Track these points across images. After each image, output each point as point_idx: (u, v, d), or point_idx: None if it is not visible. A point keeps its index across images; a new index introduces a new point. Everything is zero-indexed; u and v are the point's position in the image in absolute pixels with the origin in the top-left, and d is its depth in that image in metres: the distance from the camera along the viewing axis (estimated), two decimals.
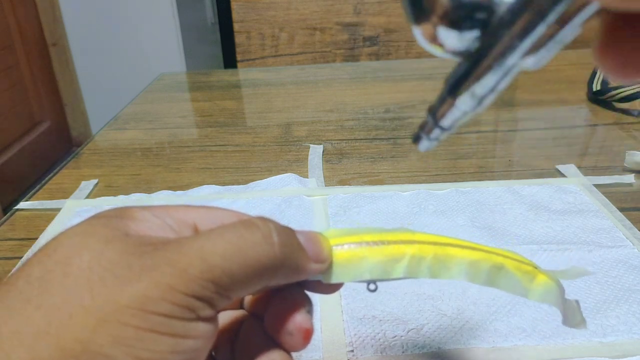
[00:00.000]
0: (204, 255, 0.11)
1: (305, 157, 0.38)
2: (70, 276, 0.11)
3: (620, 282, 0.23)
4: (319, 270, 0.13)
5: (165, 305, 0.10)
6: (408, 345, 0.20)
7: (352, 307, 0.22)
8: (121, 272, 0.11)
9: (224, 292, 0.11)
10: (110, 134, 0.46)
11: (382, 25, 0.71)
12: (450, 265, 0.14)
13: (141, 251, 0.11)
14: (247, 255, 0.12)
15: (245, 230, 0.12)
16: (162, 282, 0.11)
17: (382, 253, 0.14)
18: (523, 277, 0.14)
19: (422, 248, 0.14)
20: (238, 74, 0.63)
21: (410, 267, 0.14)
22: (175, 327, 0.11)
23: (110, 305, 0.10)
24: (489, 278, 0.14)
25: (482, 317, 0.21)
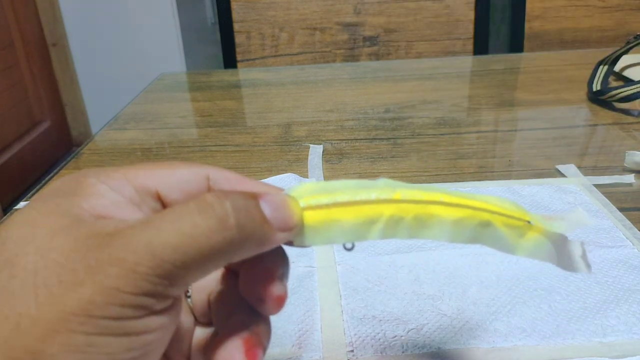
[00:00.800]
0: (152, 249, 0.10)
1: (305, 157, 0.38)
2: (16, 279, 0.10)
3: (620, 282, 0.23)
4: (287, 239, 0.12)
5: (112, 308, 0.10)
6: (408, 345, 0.20)
7: (352, 307, 0.22)
8: (65, 277, 0.10)
9: (177, 283, 0.11)
10: (110, 134, 0.46)
11: (382, 25, 0.71)
12: (431, 225, 0.13)
13: (87, 246, 0.11)
14: (201, 244, 0.11)
15: (199, 215, 0.11)
16: (108, 286, 0.10)
17: (357, 214, 0.13)
18: (511, 233, 0.14)
19: (401, 207, 0.13)
20: (238, 74, 0.63)
21: (387, 229, 0.13)
22: (128, 327, 0.10)
23: (55, 314, 0.10)
24: (473, 236, 0.13)
25: (482, 317, 0.21)
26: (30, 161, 1.36)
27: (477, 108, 0.47)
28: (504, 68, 0.58)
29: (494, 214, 0.14)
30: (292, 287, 0.24)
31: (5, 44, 1.27)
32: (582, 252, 0.14)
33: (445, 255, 0.25)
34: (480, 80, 0.55)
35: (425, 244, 0.26)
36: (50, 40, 1.44)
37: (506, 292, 0.23)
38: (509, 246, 0.14)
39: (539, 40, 0.71)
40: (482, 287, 0.23)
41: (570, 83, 0.52)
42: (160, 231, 0.11)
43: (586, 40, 0.71)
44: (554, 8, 0.70)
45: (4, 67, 1.27)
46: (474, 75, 0.58)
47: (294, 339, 0.21)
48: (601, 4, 0.69)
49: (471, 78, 0.57)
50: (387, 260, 0.25)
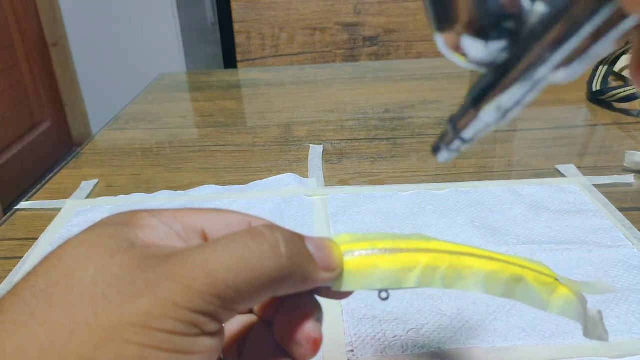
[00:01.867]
0: (208, 269, 0.11)
1: (305, 157, 0.38)
2: (74, 291, 0.11)
3: (620, 282, 0.23)
4: (329, 279, 0.13)
5: (168, 321, 0.10)
6: (408, 345, 0.20)
7: (352, 307, 0.22)
8: (124, 289, 0.11)
9: (229, 305, 0.11)
10: (110, 134, 0.46)
11: (382, 25, 0.71)
12: (466, 276, 0.14)
13: (145, 265, 0.11)
14: (254, 267, 0.11)
15: (251, 241, 0.12)
16: (165, 299, 0.10)
17: (395, 261, 0.13)
18: (542, 290, 0.14)
19: (437, 257, 0.14)
20: (238, 74, 0.63)
21: (423, 277, 0.13)
22: (179, 344, 0.11)
23: (112, 323, 0.10)
24: (507, 289, 0.14)
25: (481, 317, 0.22)
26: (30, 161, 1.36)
27: None
28: None
29: (525, 269, 0.14)
30: None
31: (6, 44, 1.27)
32: (601, 318, 0.14)
33: None
34: None
35: None
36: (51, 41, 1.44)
37: None
38: (541, 302, 0.14)
39: None
40: None
41: (569, 83, 0.52)
42: (214, 253, 0.11)
43: None
44: None
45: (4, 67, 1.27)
46: (473, 75, 0.58)
47: None
48: None
49: (471, 78, 0.57)
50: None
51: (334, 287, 0.13)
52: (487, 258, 0.14)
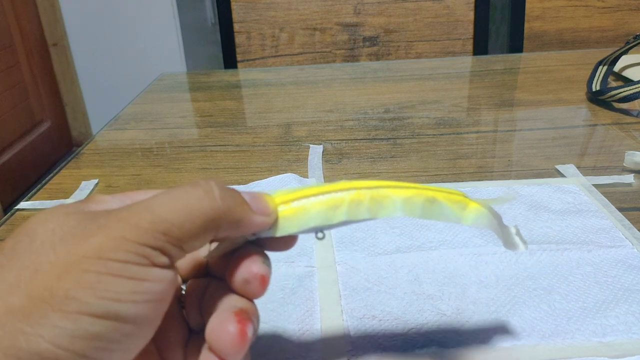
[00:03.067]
0: (151, 210, 0.13)
1: (305, 157, 0.38)
2: (35, 241, 0.12)
3: (620, 282, 0.23)
4: (264, 222, 0.15)
5: (120, 253, 0.12)
6: (408, 344, 0.20)
7: (352, 307, 0.22)
8: (79, 232, 0.12)
9: (175, 242, 0.13)
10: (110, 134, 0.46)
11: (382, 25, 0.71)
12: (386, 205, 0.15)
13: (98, 216, 0.13)
14: (192, 207, 0.13)
15: (189, 187, 0.14)
16: (115, 235, 0.12)
17: (323, 203, 0.15)
18: (455, 206, 0.16)
19: (359, 193, 0.16)
20: (238, 74, 0.63)
21: (350, 211, 0.15)
22: (133, 271, 0.12)
23: (71, 258, 0.12)
24: (423, 211, 0.16)
25: (481, 317, 0.22)
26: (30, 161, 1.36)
27: (476, 108, 0.47)
28: (503, 68, 0.58)
29: (437, 192, 0.16)
30: (292, 287, 0.24)
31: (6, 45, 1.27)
32: (517, 230, 0.16)
33: (445, 255, 0.25)
34: (479, 80, 0.55)
35: (424, 244, 0.26)
36: (51, 41, 1.44)
37: (505, 292, 0.23)
38: (455, 217, 0.16)
39: (538, 41, 0.71)
40: (482, 286, 0.23)
41: (569, 83, 0.52)
42: (157, 198, 0.13)
43: (585, 41, 0.71)
44: (553, 8, 0.70)
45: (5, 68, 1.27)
46: (473, 75, 0.58)
47: (294, 338, 0.21)
48: (600, 4, 0.69)
49: (471, 78, 0.57)
50: (386, 260, 0.25)
51: (272, 233, 0.15)
52: (403, 187, 0.16)
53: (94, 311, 0.11)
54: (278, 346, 0.20)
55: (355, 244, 0.27)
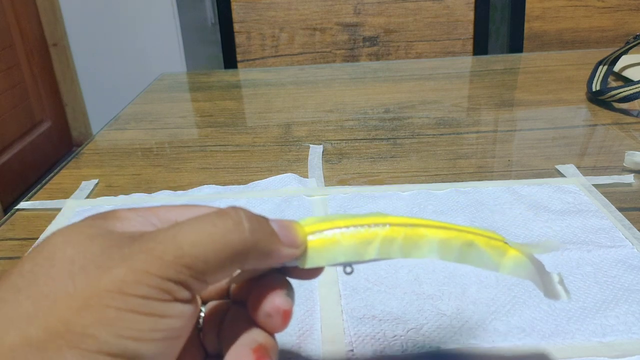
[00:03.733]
0: (177, 242, 0.12)
1: (305, 157, 0.38)
2: (55, 267, 0.12)
3: (620, 282, 0.23)
4: (292, 254, 0.14)
5: (142, 287, 0.11)
6: (408, 344, 0.20)
7: (352, 307, 0.22)
8: (101, 263, 0.12)
9: (199, 276, 0.12)
10: (110, 134, 0.46)
11: (382, 25, 0.71)
12: (421, 245, 0.15)
13: (121, 243, 0.12)
14: (219, 240, 0.12)
15: (217, 218, 0.13)
16: (138, 268, 0.12)
17: (355, 237, 0.14)
18: (493, 253, 0.15)
19: (394, 230, 0.15)
20: (238, 74, 0.63)
21: (382, 248, 0.14)
22: (153, 308, 0.12)
23: (91, 290, 0.11)
24: (460, 255, 0.15)
25: (481, 317, 0.22)
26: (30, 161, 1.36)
27: (476, 108, 0.47)
28: (503, 68, 0.58)
29: (476, 235, 0.15)
30: None
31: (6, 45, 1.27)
32: (560, 279, 0.15)
33: None
34: (479, 80, 0.55)
35: None
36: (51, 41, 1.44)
37: (506, 292, 0.23)
38: (493, 264, 0.15)
39: (538, 41, 0.71)
40: (482, 286, 0.23)
41: (569, 83, 0.52)
42: (183, 229, 0.12)
43: (585, 41, 0.71)
44: (553, 8, 0.70)
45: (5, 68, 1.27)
46: (473, 75, 0.58)
47: (294, 338, 0.21)
48: (600, 4, 0.69)
49: (471, 78, 0.57)
50: (387, 261, 0.25)
51: (301, 264, 0.14)
52: (439, 227, 0.15)
53: (112, 350, 0.11)
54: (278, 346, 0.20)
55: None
